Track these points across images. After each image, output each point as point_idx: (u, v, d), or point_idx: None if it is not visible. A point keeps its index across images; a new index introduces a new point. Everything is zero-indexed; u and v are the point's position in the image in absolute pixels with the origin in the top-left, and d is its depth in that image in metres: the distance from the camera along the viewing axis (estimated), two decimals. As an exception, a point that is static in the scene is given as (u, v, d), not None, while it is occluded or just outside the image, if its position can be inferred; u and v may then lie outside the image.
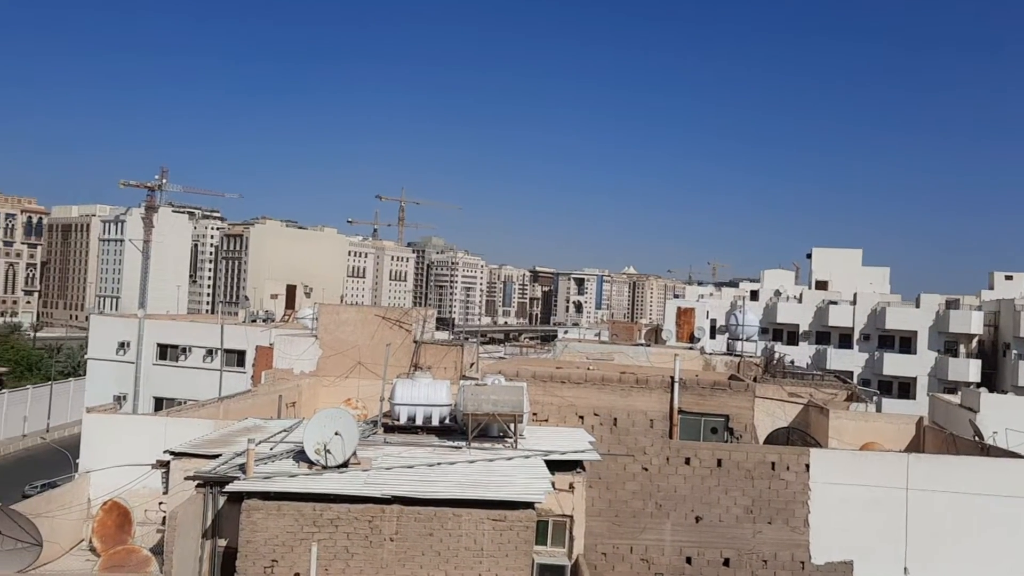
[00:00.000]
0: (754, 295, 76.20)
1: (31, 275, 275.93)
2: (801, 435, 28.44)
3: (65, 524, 21.09)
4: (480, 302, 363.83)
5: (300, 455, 17.86)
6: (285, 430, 21.23)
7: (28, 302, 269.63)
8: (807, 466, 22.24)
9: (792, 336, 71.78)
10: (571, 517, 18.45)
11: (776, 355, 47.34)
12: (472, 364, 32.25)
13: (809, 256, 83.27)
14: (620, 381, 26.22)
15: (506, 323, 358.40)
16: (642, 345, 42.56)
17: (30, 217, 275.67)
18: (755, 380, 31.05)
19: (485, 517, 15.74)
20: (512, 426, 20.11)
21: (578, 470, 18.99)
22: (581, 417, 25.79)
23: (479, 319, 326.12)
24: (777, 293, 75.15)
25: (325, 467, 17.16)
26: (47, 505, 20.72)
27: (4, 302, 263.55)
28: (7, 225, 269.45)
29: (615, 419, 25.80)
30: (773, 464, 22.28)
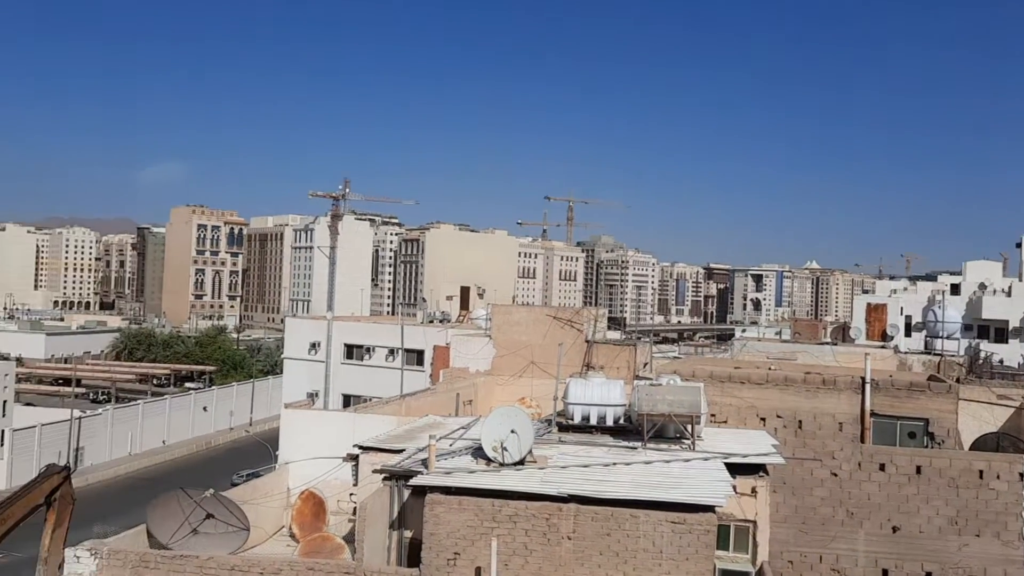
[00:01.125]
0: (955, 289, 70.21)
1: (234, 281, 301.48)
2: (1013, 441, 25.83)
3: (268, 511, 22.74)
4: (652, 301, 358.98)
5: (478, 452, 18.23)
6: (463, 427, 21.80)
7: (232, 306, 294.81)
8: (1021, 475, 20.16)
9: (1000, 333, 65.47)
10: (754, 522, 17.70)
11: (982, 354, 43.39)
12: (645, 364, 31.79)
13: (1019, 245, 75.74)
14: (805, 382, 24.90)
15: (679, 322, 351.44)
16: (828, 344, 40.34)
17: (232, 228, 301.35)
18: (958, 381, 28.55)
19: (663, 519, 15.41)
20: (689, 427, 19.59)
21: (761, 474, 18.19)
22: (763, 419, 24.72)
23: (651, 318, 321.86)
24: (982, 287, 68.84)
25: (502, 464, 17.42)
26: (252, 493, 22.43)
27: (212, 306, 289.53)
28: (213, 236, 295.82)
29: (800, 421, 24.52)
30: (981, 472, 20.39)
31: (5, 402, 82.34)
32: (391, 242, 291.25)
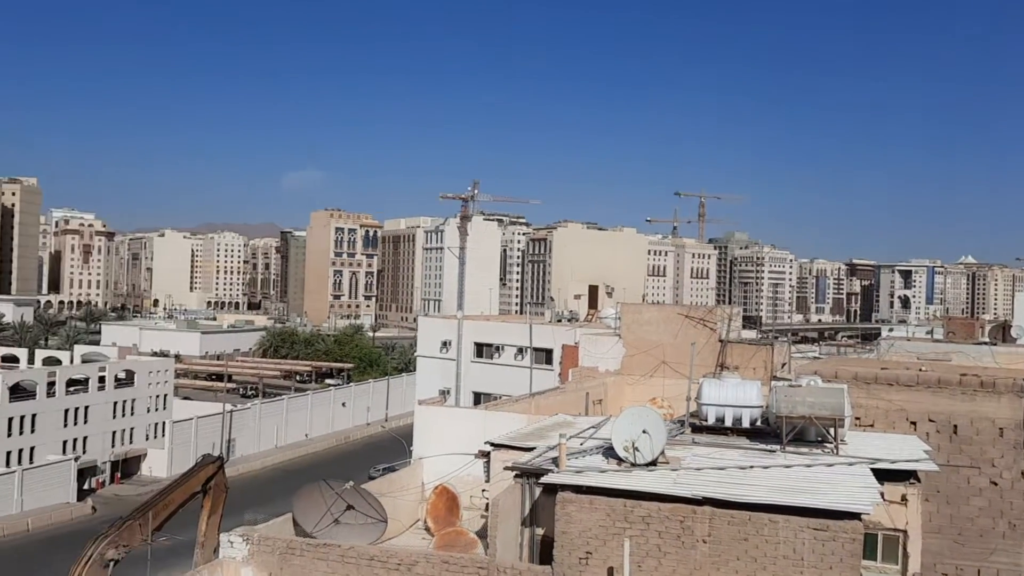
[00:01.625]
0: None
1: (369, 282, 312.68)
2: None
3: (403, 504, 23.37)
4: (790, 299, 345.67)
5: (609, 451, 18.06)
6: (593, 426, 21.65)
7: (367, 305, 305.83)
8: None
9: None
10: (904, 532, 16.68)
11: None
12: (784, 364, 30.59)
13: None
14: (961, 384, 23.24)
15: (820, 321, 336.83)
16: (985, 344, 37.57)
17: (367, 231, 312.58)
18: None
19: (805, 525, 14.75)
20: (831, 430, 18.70)
21: (912, 481, 17.12)
22: (913, 423, 23.26)
23: (789, 317, 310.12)
24: None
25: (634, 464, 17.17)
26: (389, 486, 23.10)
27: (349, 306, 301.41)
28: (350, 238, 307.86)
29: (955, 426, 22.91)
30: None
31: (166, 396, 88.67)
32: (519, 242, 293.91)
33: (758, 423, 20.57)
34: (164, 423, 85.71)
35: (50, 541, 62.35)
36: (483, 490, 22.77)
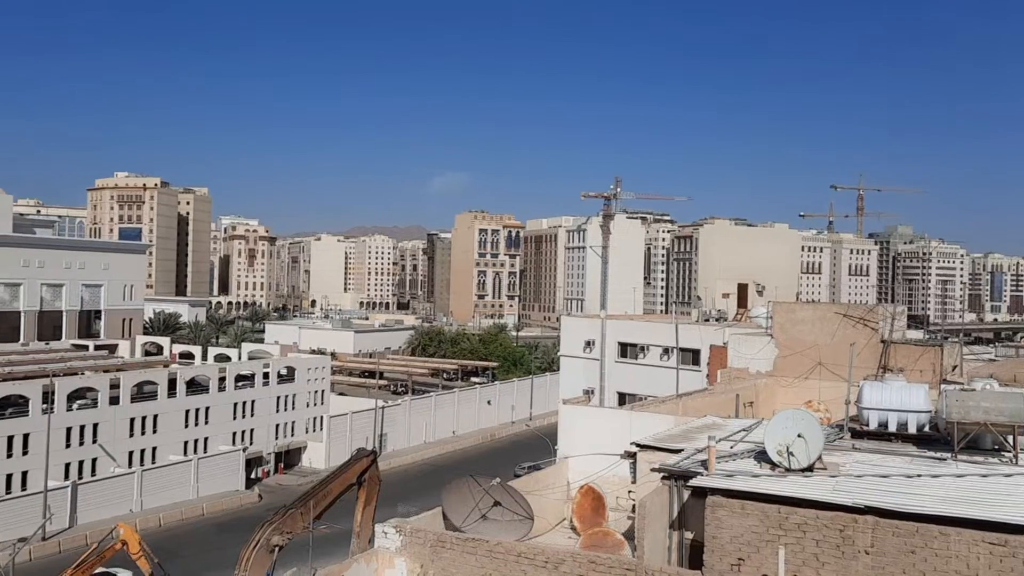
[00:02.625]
0: None
1: (512, 282, 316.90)
2: None
3: (549, 503, 23.49)
4: (961, 297, 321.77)
5: (761, 455, 17.45)
6: (744, 429, 20.97)
7: (511, 306, 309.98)
8: None
9: None
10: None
11: None
12: (955, 367, 28.51)
13: None
14: None
15: (995, 320, 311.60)
16: None
17: (510, 231, 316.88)
18: None
19: (980, 539, 13.67)
20: (1010, 438, 17.24)
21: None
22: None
23: (960, 316, 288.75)
24: None
25: (788, 470, 16.51)
26: (534, 484, 23.29)
27: (492, 305, 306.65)
28: (492, 239, 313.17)
29: None
30: None
31: (323, 392, 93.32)
32: (663, 240, 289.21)
33: (925, 429, 19.29)
34: (322, 417, 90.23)
35: (221, 525, 67.04)
36: (629, 491, 22.56)
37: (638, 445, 21.15)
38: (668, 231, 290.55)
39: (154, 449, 73.83)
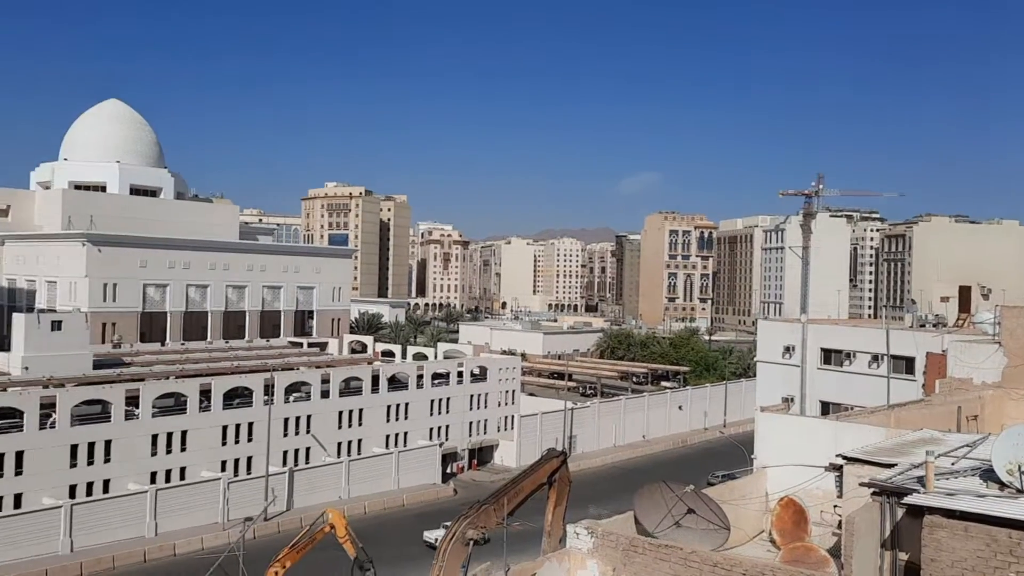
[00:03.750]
0: None
1: (704, 284, 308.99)
2: None
3: (745, 514, 22.57)
4: None
5: (987, 474, 15.83)
6: (967, 445, 19.12)
7: (703, 308, 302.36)
8: None
9: None
10: None
11: None
12: None
13: None
14: None
15: None
16: None
17: (702, 232, 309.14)
18: None
19: None
20: None
21: None
22: None
23: None
24: None
25: (1020, 491, 14.83)
26: (730, 494, 22.47)
27: (683, 308, 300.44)
28: (684, 241, 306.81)
29: None
30: None
31: (514, 392, 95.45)
32: (871, 239, 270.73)
33: None
34: (513, 416, 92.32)
35: (420, 517, 70.26)
36: (835, 506, 21.30)
37: (845, 458, 19.84)
38: (877, 230, 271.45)
39: (359, 441, 78.68)
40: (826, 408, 46.34)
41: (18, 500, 57.23)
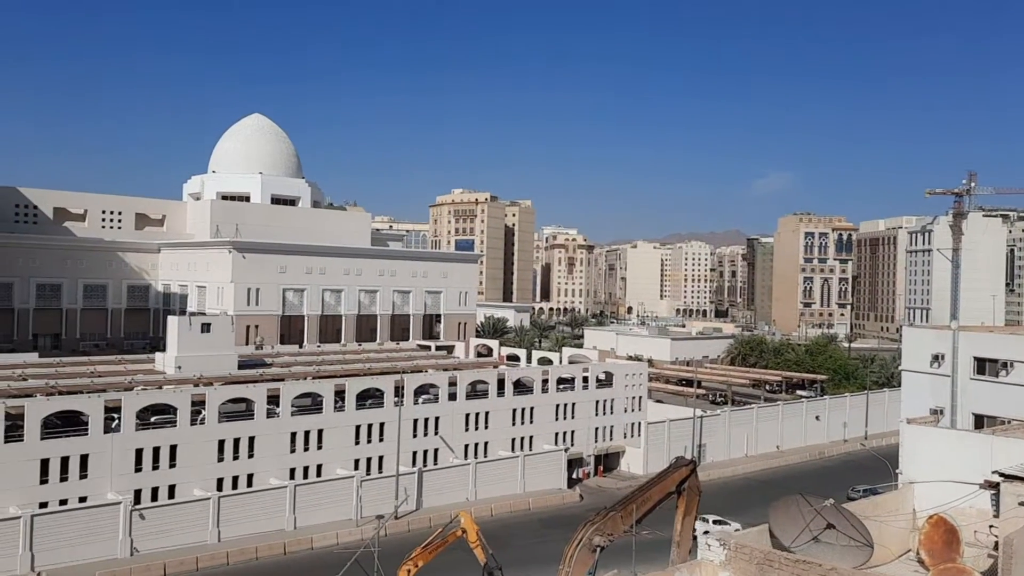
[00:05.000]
0: None
1: (843, 289, 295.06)
2: None
3: (890, 531, 21.21)
4: None
5: None
6: None
7: (841, 314, 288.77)
8: None
9: None
10: None
11: None
12: None
13: None
14: None
15: None
16: None
17: (840, 234, 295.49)
18: None
19: None
20: None
21: None
22: None
23: None
24: None
25: None
26: (873, 510, 21.18)
27: (820, 314, 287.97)
28: (820, 243, 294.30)
29: None
30: None
31: (640, 398, 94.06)
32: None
33: None
34: (639, 423, 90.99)
35: (544, 521, 70.31)
36: (990, 526, 19.73)
37: (1003, 475, 18.34)
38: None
39: (485, 444, 79.63)
40: (980, 421, 43.08)
41: (172, 491, 61.22)
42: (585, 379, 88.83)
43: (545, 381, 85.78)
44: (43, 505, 55.06)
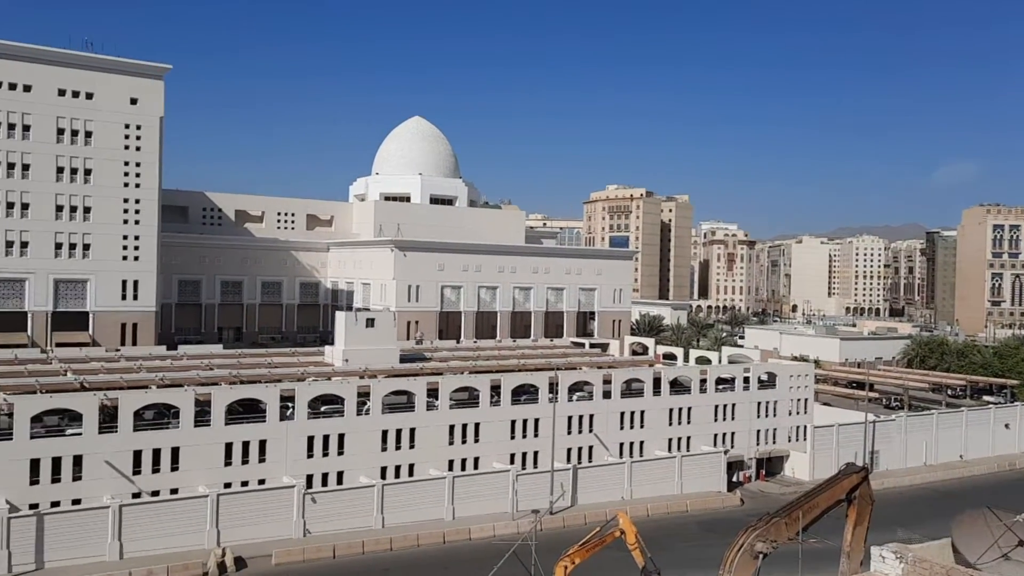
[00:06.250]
0: None
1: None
2: None
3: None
4: None
5: None
6: None
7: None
8: None
9: None
10: None
11: None
12: None
13: None
14: None
15: None
16: None
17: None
18: None
19: None
20: None
21: None
22: None
23: None
24: None
25: None
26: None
27: (1011, 313, 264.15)
28: (1011, 236, 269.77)
29: None
30: None
31: (806, 400, 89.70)
32: None
33: None
34: (805, 427, 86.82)
35: (703, 524, 68.43)
36: None
37: None
38: None
39: (641, 443, 78.53)
40: None
41: (340, 477, 64.43)
42: (746, 379, 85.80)
43: (703, 381, 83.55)
44: (227, 485, 59.42)
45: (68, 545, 51.97)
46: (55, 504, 54.19)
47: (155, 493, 57.39)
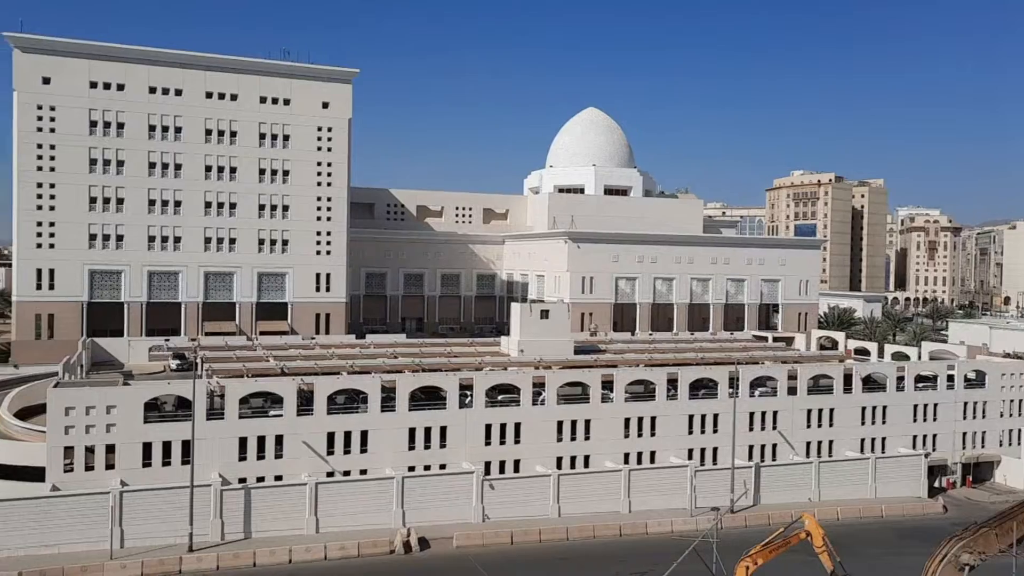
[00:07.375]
0: None
1: None
2: None
3: None
4: None
5: None
6: None
7: None
8: None
9: None
10: None
11: None
12: None
13: None
14: None
15: None
16: None
17: None
18: None
19: None
20: None
21: None
22: None
23: None
24: None
25: None
26: None
27: None
28: None
29: None
30: None
31: (1022, 401, 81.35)
32: None
33: None
34: (1019, 430, 78.81)
35: (900, 531, 63.72)
36: None
37: None
38: None
39: (830, 442, 74.30)
40: None
41: (516, 465, 65.54)
42: (950, 378, 79.06)
43: (901, 378, 77.77)
44: (410, 469, 62.05)
45: (272, 517, 56.27)
46: (260, 479, 58.81)
47: (346, 473, 60.94)
